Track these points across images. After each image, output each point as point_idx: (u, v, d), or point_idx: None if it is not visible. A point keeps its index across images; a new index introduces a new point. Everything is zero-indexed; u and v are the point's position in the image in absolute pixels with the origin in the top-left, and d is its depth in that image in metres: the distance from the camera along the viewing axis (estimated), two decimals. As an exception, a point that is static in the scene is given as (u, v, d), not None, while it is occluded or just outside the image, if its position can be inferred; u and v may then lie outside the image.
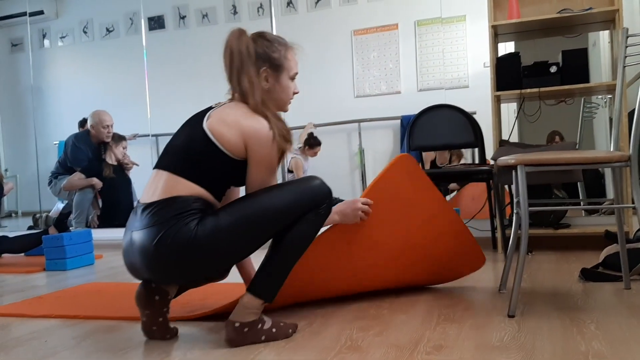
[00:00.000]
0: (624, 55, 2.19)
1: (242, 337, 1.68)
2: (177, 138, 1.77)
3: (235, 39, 1.77)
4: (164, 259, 1.61)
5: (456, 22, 4.52)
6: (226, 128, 1.69)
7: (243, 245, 1.68)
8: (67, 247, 3.33)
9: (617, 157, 1.87)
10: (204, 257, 1.63)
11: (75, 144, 4.74)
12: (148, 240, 1.61)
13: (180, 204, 1.63)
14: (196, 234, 1.59)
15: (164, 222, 1.60)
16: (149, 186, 1.72)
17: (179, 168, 1.68)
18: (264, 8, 5.03)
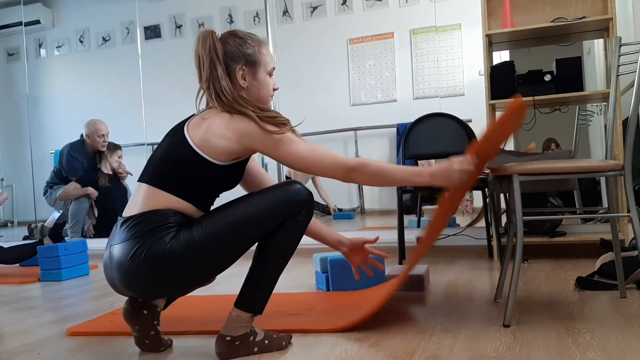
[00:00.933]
0: (618, 64, 2.19)
1: (233, 350, 1.67)
2: (158, 149, 1.73)
3: (200, 42, 1.73)
4: (139, 274, 1.57)
5: (451, 31, 4.53)
6: (209, 135, 1.65)
7: (219, 258, 1.63)
8: (62, 257, 3.31)
9: (610, 166, 1.87)
10: (179, 271, 1.59)
11: (70, 153, 4.73)
12: (123, 254, 1.58)
13: (157, 217, 1.59)
14: (170, 248, 1.55)
15: (140, 236, 1.57)
16: (131, 200, 1.69)
17: (159, 180, 1.65)
18: (260, 17, 5.04)
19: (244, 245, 1.64)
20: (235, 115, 1.67)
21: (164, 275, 1.58)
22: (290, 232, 1.66)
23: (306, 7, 5.00)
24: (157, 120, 5.16)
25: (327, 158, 1.67)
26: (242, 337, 1.67)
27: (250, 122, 1.65)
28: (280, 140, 1.66)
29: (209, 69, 1.71)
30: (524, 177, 1.88)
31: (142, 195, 1.65)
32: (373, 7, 4.83)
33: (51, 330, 2.15)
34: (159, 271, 1.57)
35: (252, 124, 1.65)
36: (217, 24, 5.29)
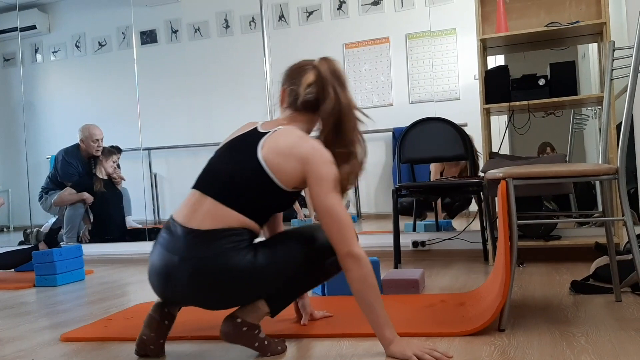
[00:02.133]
0: (611, 68, 2.21)
1: (238, 334, 1.68)
2: (222, 162, 1.74)
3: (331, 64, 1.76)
4: (221, 287, 1.64)
5: (446, 36, 4.55)
6: (282, 158, 1.66)
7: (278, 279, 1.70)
8: (57, 262, 3.30)
9: (604, 170, 1.88)
10: (255, 287, 1.67)
11: (65, 158, 4.72)
12: (207, 269, 1.62)
13: (234, 236, 1.64)
14: (254, 265, 1.63)
15: (222, 253, 1.62)
16: (191, 209, 1.68)
17: (226, 197, 1.66)
18: (256, 22, 5.05)
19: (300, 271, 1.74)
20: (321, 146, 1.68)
21: (243, 289, 1.66)
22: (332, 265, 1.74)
23: (302, 12, 5.01)
24: (152, 126, 5.17)
25: (349, 228, 1.65)
26: (250, 326, 1.69)
27: (331, 165, 1.66)
28: (333, 180, 1.66)
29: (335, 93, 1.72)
30: (518, 181, 1.88)
31: (206, 208, 1.66)
32: (368, 12, 4.84)
33: (46, 335, 2.14)
34: (240, 285, 1.64)
35: (330, 166, 1.66)
36: (213, 29, 5.30)
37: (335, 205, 1.64)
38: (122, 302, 2.73)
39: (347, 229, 1.64)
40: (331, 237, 1.65)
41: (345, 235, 1.63)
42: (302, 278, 1.76)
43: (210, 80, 5.29)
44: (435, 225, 3.87)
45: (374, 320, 1.64)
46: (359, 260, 1.62)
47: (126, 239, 4.67)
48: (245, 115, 5.02)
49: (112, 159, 4.78)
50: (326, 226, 1.65)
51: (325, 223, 1.65)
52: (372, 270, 1.64)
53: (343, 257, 1.64)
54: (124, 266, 4.06)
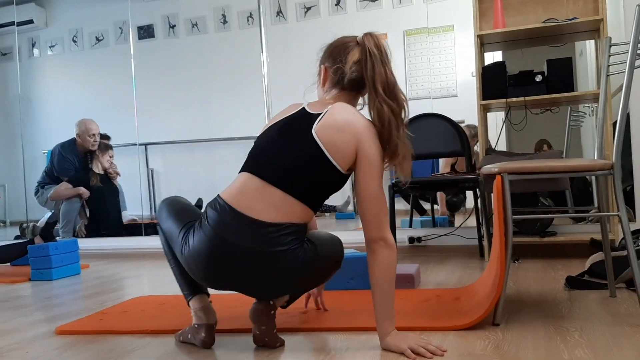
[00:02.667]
0: (607, 64, 2.20)
1: (268, 316, 1.72)
2: (280, 148, 1.68)
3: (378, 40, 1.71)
4: (272, 281, 1.67)
5: (443, 32, 4.54)
6: (337, 132, 1.64)
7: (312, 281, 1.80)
8: (53, 256, 3.30)
9: (599, 166, 1.88)
10: (298, 284, 1.75)
11: (61, 153, 4.72)
12: (265, 263, 1.63)
13: (296, 233, 1.65)
14: (303, 266, 1.66)
15: (282, 253, 1.62)
16: (252, 197, 1.65)
17: (294, 189, 1.64)
18: (254, 17, 5.04)
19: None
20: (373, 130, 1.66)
21: (286, 284, 1.72)
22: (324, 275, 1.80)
23: (300, 8, 5.00)
24: (149, 121, 5.16)
25: (386, 214, 1.67)
26: (276, 312, 1.74)
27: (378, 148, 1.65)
28: (380, 165, 1.66)
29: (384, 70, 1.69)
30: (514, 176, 1.88)
31: (271, 201, 1.64)
32: (367, 8, 4.83)
33: (40, 329, 2.14)
34: (284, 281, 1.69)
35: (379, 150, 1.65)
36: (211, 24, 5.28)
37: (379, 191, 1.65)
38: (118, 296, 2.73)
39: (385, 215, 1.66)
40: (368, 220, 1.65)
41: (382, 220, 1.65)
42: (317, 283, 1.85)
43: (208, 76, 5.28)
44: (431, 221, 3.88)
45: (381, 310, 1.65)
46: (390, 247, 1.64)
47: (122, 233, 4.67)
48: (243, 110, 5.02)
49: (108, 154, 4.78)
50: (365, 209, 1.64)
51: (365, 206, 1.64)
52: (396, 259, 1.67)
53: (375, 240, 1.64)
54: (120, 261, 4.05)
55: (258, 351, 1.72)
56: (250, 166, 1.70)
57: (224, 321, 1.96)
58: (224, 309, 2.09)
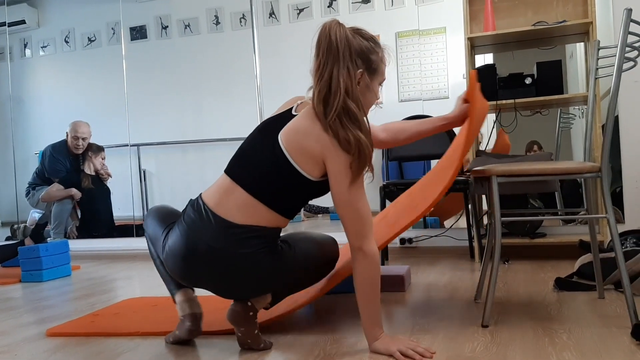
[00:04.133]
0: (596, 67, 2.22)
1: (246, 318, 1.71)
2: (252, 148, 1.68)
3: (336, 27, 1.58)
4: (243, 283, 1.68)
5: (435, 34, 4.55)
6: (303, 139, 1.59)
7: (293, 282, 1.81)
8: (44, 258, 3.29)
9: (587, 168, 1.89)
10: (274, 285, 1.75)
11: (53, 154, 4.70)
12: (233, 265, 1.63)
13: (264, 237, 1.65)
14: (278, 269, 1.68)
15: (251, 255, 1.63)
16: (222, 195, 1.66)
17: (255, 189, 1.63)
18: (246, 18, 5.04)
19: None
20: (331, 136, 1.57)
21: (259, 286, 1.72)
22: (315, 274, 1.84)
23: (292, 9, 5.01)
24: (142, 122, 5.15)
25: (364, 222, 1.60)
26: (255, 313, 1.73)
27: (342, 154, 1.56)
28: (354, 184, 1.59)
29: (336, 59, 1.57)
30: (503, 178, 1.89)
31: (241, 201, 1.63)
32: (359, 10, 4.84)
33: (30, 331, 2.13)
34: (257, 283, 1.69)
35: (344, 156, 1.56)
36: (203, 25, 5.28)
37: (352, 197, 1.58)
38: (108, 297, 2.72)
39: (364, 223, 1.60)
40: (346, 227, 1.61)
41: (359, 229, 1.59)
42: (307, 283, 1.84)
43: (200, 77, 5.27)
44: (422, 222, 3.89)
45: (366, 316, 1.65)
46: (367, 257, 1.60)
47: (113, 234, 4.65)
48: (236, 111, 5.02)
49: (101, 155, 4.76)
50: (341, 217, 1.61)
51: (340, 213, 1.61)
52: (378, 267, 1.62)
53: (354, 249, 1.61)
54: (111, 262, 4.04)
55: (247, 354, 1.72)
56: (228, 166, 1.73)
57: (215, 323, 1.97)
58: (217, 311, 2.09)
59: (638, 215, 3.14)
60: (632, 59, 1.95)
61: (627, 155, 3.20)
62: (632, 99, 3.16)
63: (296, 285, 1.84)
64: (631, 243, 2.47)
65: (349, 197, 1.59)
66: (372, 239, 1.62)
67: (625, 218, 3.19)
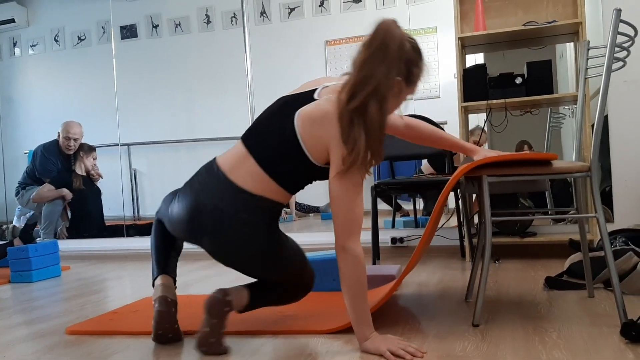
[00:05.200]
0: (586, 67, 2.23)
1: (220, 310, 1.71)
2: (270, 123, 1.72)
3: (395, 28, 1.58)
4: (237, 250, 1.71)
5: (426, 34, 4.56)
6: (314, 125, 1.61)
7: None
8: (33, 258, 3.26)
9: (577, 168, 1.90)
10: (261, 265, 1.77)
11: (44, 154, 4.67)
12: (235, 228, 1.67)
13: (270, 208, 1.70)
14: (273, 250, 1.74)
15: (254, 224, 1.68)
16: (236, 162, 1.70)
17: (265, 162, 1.66)
18: (238, 17, 5.03)
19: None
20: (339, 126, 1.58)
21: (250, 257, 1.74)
22: (289, 292, 1.88)
23: (283, 9, 5.00)
24: (132, 121, 5.12)
25: (350, 220, 1.61)
26: (230, 310, 1.74)
27: (341, 146, 1.57)
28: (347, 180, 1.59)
29: (385, 57, 1.56)
30: (493, 178, 1.90)
31: (251, 170, 1.67)
32: (350, 10, 4.84)
33: (19, 332, 2.12)
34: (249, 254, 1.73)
35: (342, 149, 1.57)
36: (194, 24, 5.26)
37: (340, 193, 1.60)
38: (99, 298, 2.71)
39: (350, 221, 1.60)
40: (334, 224, 1.62)
41: (343, 227, 1.60)
42: (283, 293, 1.88)
43: (191, 76, 5.25)
44: (413, 222, 3.90)
45: (354, 316, 1.65)
46: (350, 256, 1.61)
47: (104, 235, 4.63)
48: (227, 111, 5.01)
49: (92, 156, 4.74)
50: (333, 213, 1.63)
51: (333, 210, 1.63)
52: (362, 268, 1.62)
53: (338, 246, 1.62)
54: (101, 262, 4.02)
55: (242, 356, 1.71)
56: (245, 133, 1.76)
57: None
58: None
59: (627, 214, 3.16)
60: (621, 59, 1.96)
61: (616, 155, 3.22)
62: (621, 98, 3.18)
63: (274, 291, 1.87)
64: (620, 242, 2.49)
65: (340, 193, 1.60)
66: (358, 240, 1.62)
67: (614, 217, 3.21)
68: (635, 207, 3.17)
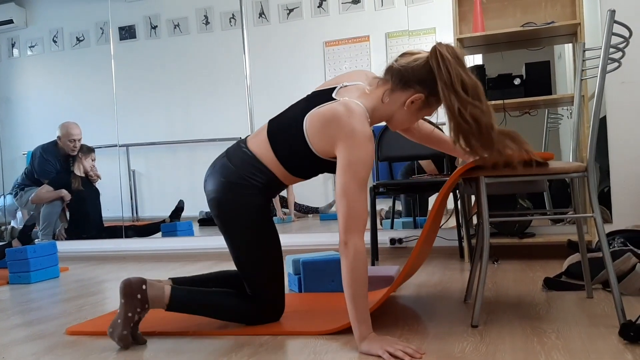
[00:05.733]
0: (582, 69, 2.24)
1: (131, 294, 1.82)
2: (292, 108, 1.90)
3: (456, 55, 1.75)
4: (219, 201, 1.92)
5: (424, 35, 4.57)
6: (323, 128, 1.74)
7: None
8: (31, 259, 3.26)
9: (574, 168, 1.90)
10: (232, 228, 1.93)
11: (42, 155, 4.67)
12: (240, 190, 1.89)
13: (267, 177, 1.88)
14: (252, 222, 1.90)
15: (250, 183, 1.88)
16: (256, 133, 1.94)
17: (273, 140, 1.86)
18: (236, 18, 5.03)
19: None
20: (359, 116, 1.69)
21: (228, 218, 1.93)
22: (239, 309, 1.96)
23: (282, 10, 5.01)
24: (131, 122, 5.12)
25: (353, 217, 1.66)
26: (143, 299, 1.82)
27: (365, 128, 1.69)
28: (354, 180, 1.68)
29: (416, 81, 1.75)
30: (490, 179, 1.90)
31: (261, 139, 1.89)
32: (349, 11, 4.84)
33: (18, 333, 2.12)
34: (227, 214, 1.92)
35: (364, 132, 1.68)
36: (193, 25, 5.26)
37: (345, 191, 1.66)
38: (97, 299, 2.71)
39: (351, 217, 1.65)
40: (339, 221, 1.68)
41: (349, 224, 1.66)
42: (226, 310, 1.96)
43: (190, 77, 5.25)
44: (412, 222, 3.90)
45: (353, 314, 1.67)
46: (351, 252, 1.65)
47: (103, 236, 4.63)
48: (225, 111, 5.01)
49: (91, 157, 4.74)
50: (338, 210, 1.69)
51: (338, 207, 1.69)
52: (363, 264, 1.66)
53: (341, 242, 1.67)
54: (100, 263, 4.02)
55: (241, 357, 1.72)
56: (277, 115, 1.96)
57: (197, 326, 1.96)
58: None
59: (626, 215, 3.16)
60: (616, 60, 1.96)
61: (614, 155, 3.22)
62: (619, 99, 3.19)
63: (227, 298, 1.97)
64: (619, 243, 2.49)
65: (345, 189, 1.66)
66: (361, 236, 1.66)
67: (612, 218, 3.22)
68: (633, 208, 3.17)
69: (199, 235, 4.56)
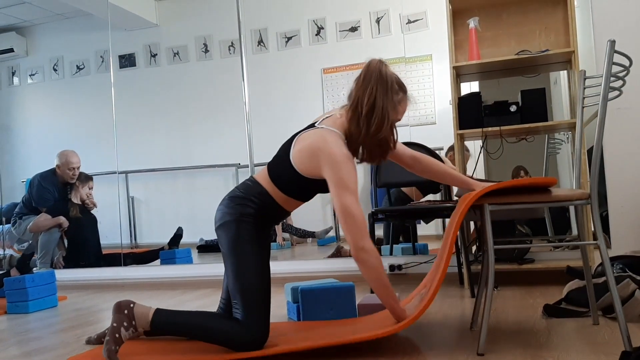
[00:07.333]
0: (582, 97, 2.26)
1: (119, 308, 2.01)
2: (282, 147, 2.09)
3: (378, 67, 2.17)
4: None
5: (420, 62, 4.62)
6: (306, 156, 1.98)
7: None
8: (30, 289, 3.24)
9: (577, 195, 1.91)
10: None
11: (41, 183, 4.68)
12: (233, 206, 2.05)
13: (263, 200, 2.03)
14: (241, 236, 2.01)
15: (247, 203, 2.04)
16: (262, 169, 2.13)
17: (272, 173, 2.05)
18: (235, 46, 5.09)
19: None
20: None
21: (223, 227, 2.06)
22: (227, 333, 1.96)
23: (280, 38, 5.07)
24: (131, 149, 5.15)
25: (360, 224, 1.92)
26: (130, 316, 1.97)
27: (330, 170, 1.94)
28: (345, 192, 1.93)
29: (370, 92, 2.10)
30: (494, 206, 1.91)
31: (264, 173, 2.08)
32: (346, 38, 4.91)
33: None
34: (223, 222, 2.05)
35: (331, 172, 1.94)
36: (192, 53, 5.33)
37: (344, 206, 1.91)
38: (96, 329, 2.68)
39: (356, 227, 1.91)
40: (346, 232, 1.93)
41: (356, 231, 1.91)
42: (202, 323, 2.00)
43: (189, 104, 5.30)
44: (412, 248, 3.89)
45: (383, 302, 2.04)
46: (369, 252, 1.93)
47: (101, 264, 4.61)
48: (224, 138, 5.05)
49: (88, 185, 4.75)
50: (341, 223, 1.94)
51: (340, 220, 1.93)
52: (380, 262, 1.96)
53: (357, 250, 1.92)
54: (98, 292, 4.00)
55: None
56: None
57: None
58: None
59: (624, 240, 3.16)
60: (617, 89, 1.99)
61: (612, 180, 3.24)
62: (615, 125, 3.21)
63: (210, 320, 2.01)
64: (617, 269, 2.49)
65: (343, 203, 1.91)
66: (369, 238, 1.94)
67: (611, 243, 3.22)
68: (632, 234, 3.17)
69: (198, 263, 4.54)
